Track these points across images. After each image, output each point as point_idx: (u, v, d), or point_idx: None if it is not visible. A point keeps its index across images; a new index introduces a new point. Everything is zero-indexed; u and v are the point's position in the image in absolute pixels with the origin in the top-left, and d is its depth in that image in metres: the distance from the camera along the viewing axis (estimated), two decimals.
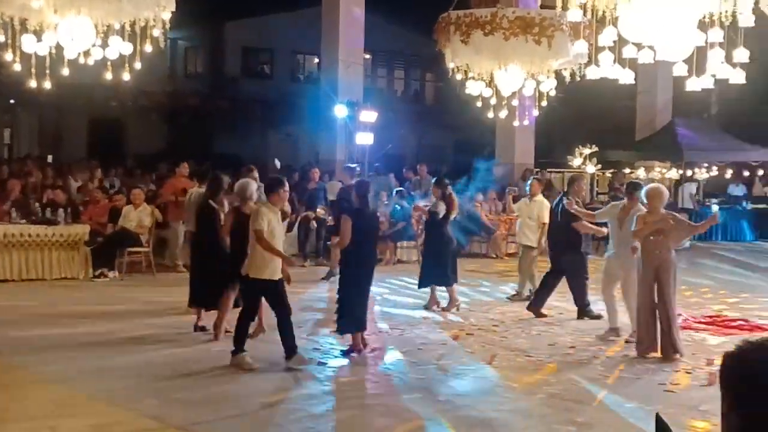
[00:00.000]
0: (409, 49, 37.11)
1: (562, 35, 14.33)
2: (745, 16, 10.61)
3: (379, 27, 30.63)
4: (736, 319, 12.83)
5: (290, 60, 38.11)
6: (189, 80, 36.61)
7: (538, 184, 14.73)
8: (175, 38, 34.15)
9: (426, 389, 8.80)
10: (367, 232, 10.34)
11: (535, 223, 14.26)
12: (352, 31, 23.12)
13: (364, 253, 10.30)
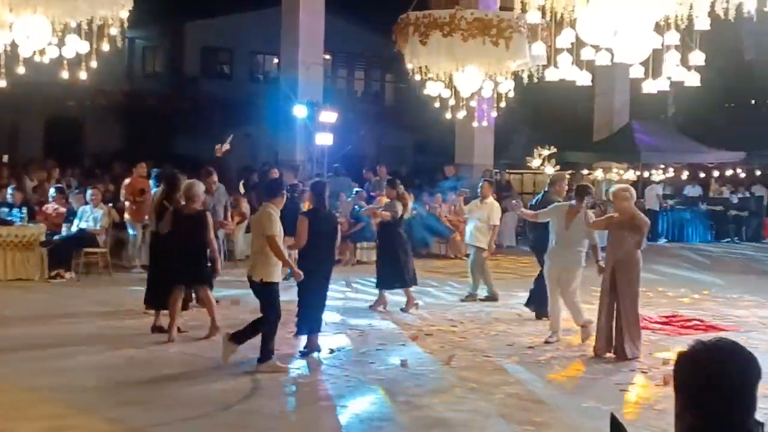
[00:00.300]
0: (369, 49, 37.09)
1: (520, 37, 14.40)
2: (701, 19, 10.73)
3: (339, 28, 30.59)
4: (692, 319, 12.96)
5: (250, 60, 37.93)
6: (147, 80, 36.31)
7: (488, 186, 14.86)
8: (134, 37, 33.84)
9: (384, 389, 8.80)
10: (324, 232, 10.30)
11: (486, 225, 14.36)
12: (311, 32, 23.07)
13: (321, 253, 10.28)
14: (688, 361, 2.87)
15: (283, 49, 24.08)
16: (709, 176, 29.98)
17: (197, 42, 35.92)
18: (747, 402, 2.81)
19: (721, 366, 2.81)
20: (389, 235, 13.34)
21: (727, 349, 2.86)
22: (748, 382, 2.82)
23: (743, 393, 2.81)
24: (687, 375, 2.86)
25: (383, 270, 13.36)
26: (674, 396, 2.87)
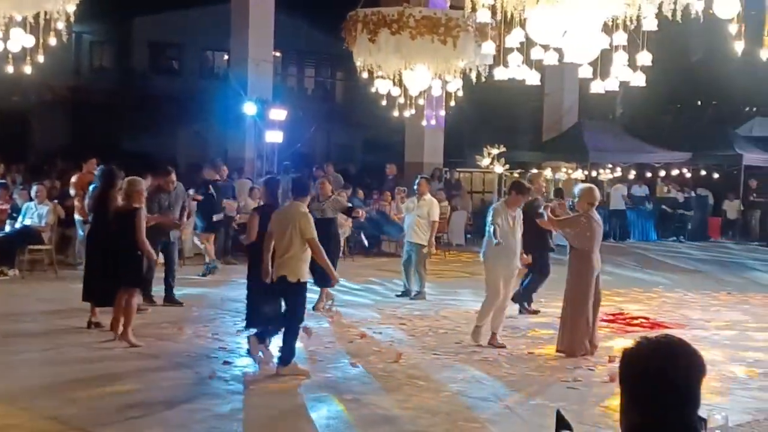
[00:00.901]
0: (319, 47, 36.98)
1: (468, 36, 14.46)
2: (648, 19, 10.84)
3: (289, 25, 30.49)
4: (638, 317, 13.11)
5: (199, 56, 37.65)
6: (95, 75, 35.88)
7: (426, 183, 14.98)
8: (81, 32, 33.44)
9: (332, 387, 8.77)
10: None
11: (426, 222, 14.43)
12: (262, 29, 22.95)
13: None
14: (632, 358, 2.89)
15: (232, 45, 23.94)
16: (655, 176, 30.34)
17: (145, 37, 35.57)
18: (690, 398, 2.83)
19: (664, 362, 2.82)
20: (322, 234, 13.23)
21: (671, 345, 2.88)
22: (692, 378, 2.84)
23: (686, 389, 2.83)
24: (631, 372, 2.88)
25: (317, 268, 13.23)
26: (620, 392, 2.89)
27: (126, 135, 32.53)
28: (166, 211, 13.04)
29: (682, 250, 24.54)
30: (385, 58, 15.34)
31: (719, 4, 7.14)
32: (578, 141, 27.45)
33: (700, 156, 28.90)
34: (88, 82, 34.45)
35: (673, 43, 23.90)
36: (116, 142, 31.51)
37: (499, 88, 15.10)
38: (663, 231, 27.70)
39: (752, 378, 9.70)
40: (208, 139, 32.46)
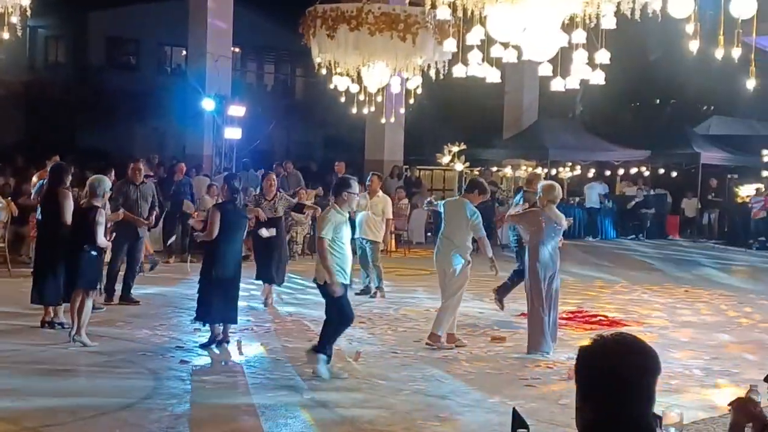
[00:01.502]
0: (279, 43, 36.82)
1: (427, 33, 14.45)
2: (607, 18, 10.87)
3: (248, 20, 30.30)
4: (596, 315, 13.16)
5: (157, 51, 37.33)
6: (50, 70, 35.44)
7: (378, 180, 15.00)
8: (36, 26, 32.99)
9: (291, 387, 8.70)
10: (231, 224, 10.25)
11: (380, 219, 14.45)
12: (220, 24, 22.77)
13: (226, 245, 10.21)
14: (588, 356, 2.88)
15: (190, 41, 23.71)
16: (614, 174, 30.53)
17: (102, 32, 35.18)
18: (644, 395, 2.83)
19: (619, 360, 2.82)
20: (278, 231, 13.22)
21: (626, 343, 2.87)
22: (646, 376, 2.84)
23: (640, 387, 2.83)
24: (586, 370, 2.87)
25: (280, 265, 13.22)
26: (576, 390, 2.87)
27: (82, 131, 32.21)
28: (134, 205, 12.85)
29: (641, 249, 24.71)
30: (343, 55, 15.29)
31: (674, 4, 7.16)
32: (538, 139, 27.56)
33: (659, 154, 29.13)
34: (42, 77, 34.02)
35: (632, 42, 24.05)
36: (72, 139, 31.20)
37: (459, 85, 15.12)
38: (622, 229, 27.87)
39: (709, 375, 9.76)
40: (166, 136, 32.23)
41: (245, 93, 26.80)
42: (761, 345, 11.53)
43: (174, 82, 30.16)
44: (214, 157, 22.71)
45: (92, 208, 10.27)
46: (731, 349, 11.25)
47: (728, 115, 32.67)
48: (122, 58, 37.11)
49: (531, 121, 29.36)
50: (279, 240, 13.18)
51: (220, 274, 10.19)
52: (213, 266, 10.21)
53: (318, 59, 15.59)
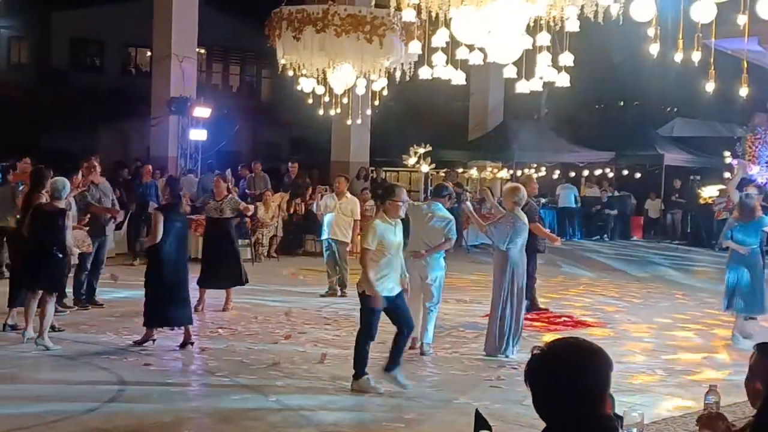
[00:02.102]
0: (244, 44, 36.67)
1: (393, 34, 14.46)
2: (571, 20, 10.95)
3: (214, 21, 30.14)
4: (561, 316, 13.24)
5: (121, 52, 37.06)
6: (13, 71, 35.06)
7: (345, 182, 15.06)
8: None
9: (256, 390, 8.69)
10: (175, 227, 10.34)
11: (349, 220, 14.53)
12: (185, 25, 22.62)
13: (171, 248, 10.26)
14: (538, 360, 2.91)
15: (155, 41, 23.54)
16: (579, 176, 30.72)
17: (65, 32, 34.85)
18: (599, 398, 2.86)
19: (571, 365, 2.85)
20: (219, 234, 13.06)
21: (576, 347, 2.91)
22: (599, 378, 2.87)
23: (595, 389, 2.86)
24: (539, 377, 2.89)
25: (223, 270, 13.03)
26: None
27: (46, 133, 31.85)
28: (97, 203, 12.78)
29: (605, 249, 24.87)
30: (309, 56, 15.26)
31: (636, 8, 7.23)
32: (504, 140, 27.66)
33: (623, 156, 29.35)
34: (5, 78, 33.64)
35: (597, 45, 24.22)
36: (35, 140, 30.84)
37: (425, 87, 15.14)
38: (587, 230, 28.04)
39: (671, 375, 9.86)
40: (131, 137, 31.99)
41: (210, 94, 26.67)
42: (722, 345, 11.66)
43: (139, 82, 29.94)
44: (178, 158, 22.57)
45: (59, 211, 10.21)
46: (693, 348, 11.38)
47: (691, 117, 32.99)
48: (86, 59, 36.82)
49: (496, 122, 29.46)
50: (228, 242, 13.07)
51: (168, 278, 10.21)
52: (160, 270, 10.21)
53: (283, 61, 15.56)
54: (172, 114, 22.30)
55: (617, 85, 34.23)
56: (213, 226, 13.05)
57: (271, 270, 17.62)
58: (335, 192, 14.84)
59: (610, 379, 2.90)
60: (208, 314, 12.66)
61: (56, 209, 10.23)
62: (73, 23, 34.50)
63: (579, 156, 29.32)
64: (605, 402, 2.88)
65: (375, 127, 26.03)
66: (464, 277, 16.71)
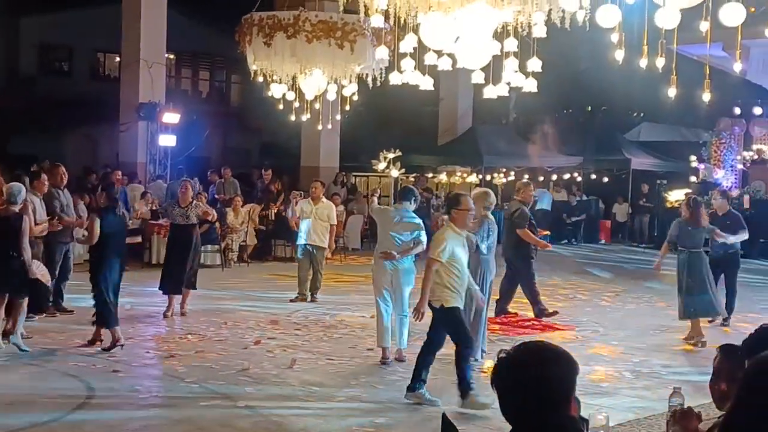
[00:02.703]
0: (214, 49, 36.56)
1: (364, 40, 14.50)
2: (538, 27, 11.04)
3: (183, 27, 30.05)
4: (530, 319, 13.31)
5: (90, 58, 36.82)
6: None
7: (321, 187, 15.11)
8: None
9: (225, 395, 8.69)
10: (112, 230, 10.57)
11: (326, 225, 14.59)
12: (154, 30, 22.55)
13: (108, 250, 10.50)
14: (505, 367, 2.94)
15: (124, 47, 23.44)
16: (547, 180, 30.88)
17: (33, 38, 34.54)
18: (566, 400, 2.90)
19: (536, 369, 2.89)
20: (185, 240, 13.04)
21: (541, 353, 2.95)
22: (564, 381, 2.91)
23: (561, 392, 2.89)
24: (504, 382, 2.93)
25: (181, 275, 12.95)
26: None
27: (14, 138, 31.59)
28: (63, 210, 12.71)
29: (573, 253, 25.01)
30: (281, 62, 15.26)
31: (601, 14, 7.32)
32: (472, 145, 27.77)
33: (591, 160, 29.56)
34: None
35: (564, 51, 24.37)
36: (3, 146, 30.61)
37: (395, 92, 15.18)
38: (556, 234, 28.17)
39: (638, 377, 9.95)
40: (100, 143, 31.80)
41: (180, 100, 26.58)
42: (687, 347, 11.78)
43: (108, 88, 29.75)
44: (147, 164, 22.49)
45: (16, 216, 10.20)
46: (660, 351, 11.48)
47: (657, 122, 33.27)
48: (54, 64, 36.55)
49: (465, 127, 29.58)
50: (192, 248, 13.07)
51: (107, 279, 10.48)
52: (99, 272, 10.47)
53: (254, 66, 15.54)
54: (140, 120, 22.22)
55: (585, 90, 34.41)
56: (179, 232, 13.02)
57: (241, 276, 17.60)
58: (311, 197, 14.88)
59: (576, 382, 2.94)
60: (177, 320, 12.63)
61: (12, 214, 10.22)
62: (42, 29, 34.21)
63: (547, 160, 29.47)
64: (571, 404, 2.92)
65: (345, 132, 26.07)
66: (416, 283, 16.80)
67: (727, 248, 13.25)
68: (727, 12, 6.86)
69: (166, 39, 23.04)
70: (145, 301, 14.16)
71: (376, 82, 15.13)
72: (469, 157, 27.69)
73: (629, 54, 7.77)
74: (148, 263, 18.69)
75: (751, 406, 2.84)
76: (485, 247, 10.51)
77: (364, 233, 23.71)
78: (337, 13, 15.04)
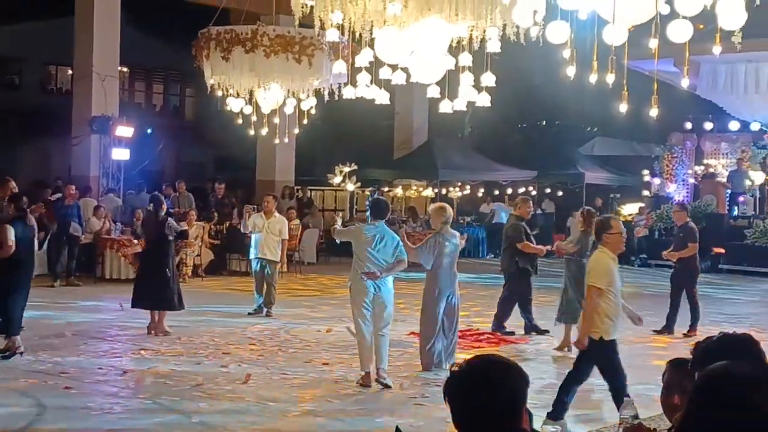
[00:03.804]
0: (168, 63, 36.41)
1: (322, 54, 14.52)
2: (492, 41, 11.13)
3: (137, 40, 29.87)
4: (485, 332, 13.35)
5: (42, 71, 36.45)
6: None
7: (274, 201, 15.12)
8: None
9: (180, 411, 8.61)
10: (23, 239, 10.67)
11: (278, 239, 14.61)
12: (107, 43, 22.36)
13: (25, 259, 10.67)
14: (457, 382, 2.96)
15: (76, 60, 23.21)
16: (502, 194, 31.08)
17: None
18: (518, 413, 2.92)
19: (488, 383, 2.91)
20: (161, 255, 12.85)
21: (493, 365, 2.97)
22: (516, 394, 2.93)
23: (513, 405, 2.91)
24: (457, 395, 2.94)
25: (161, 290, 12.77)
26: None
27: None
28: None
29: None
30: (238, 77, 15.24)
31: (552, 30, 7.39)
32: (428, 159, 27.84)
33: (545, 174, 29.80)
34: None
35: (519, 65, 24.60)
36: None
37: (351, 106, 15.21)
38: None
39: (591, 390, 10.00)
40: (52, 156, 31.47)
41: (134, 113, 26.38)
42: (641, 359, 11.87)
43: (60, 101, 29.47)
44: (100, 177, 22.26)
45: None
46: None
47: (611, 137, 33.65)
48: (6, 77, 36.14)
49: (421, 141, 29.68)
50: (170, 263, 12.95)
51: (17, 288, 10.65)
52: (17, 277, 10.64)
53: (212, 81, 15.50)
54: (93, 133, 22.00)
55: (539, 104, 34.72)
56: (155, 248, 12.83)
57: (196, 290, 17.46)
58: (264, 211, 14.87)
59: (527, 394, 2.96)
60: (130, 335, 12.50)
61: None
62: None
63: (502, 174, 29.67)
64: (522, 417, 2.94)
65: (301, 146, 26.05)
66: None
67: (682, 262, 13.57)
68: (675, 28, 6.96)
69: (119, 52, 22.85)
70: (97, 317, 14.02)
71: (333, 96, 15.15)
72: (425, 170, 27.77)
73: (582, 69, 7.85)
74: (101, 278, 18.52)
75: (699, 420, 2.86)
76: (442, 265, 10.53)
77: (319, 247, 23.68)
78: (293, 27, 15.07)
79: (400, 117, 30.04)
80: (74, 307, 15.02)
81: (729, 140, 27.17)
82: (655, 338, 13.31)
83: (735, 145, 26.97)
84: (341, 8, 10.45)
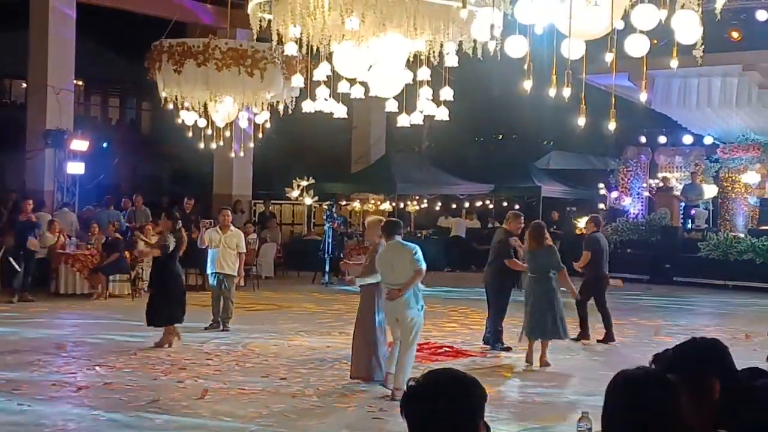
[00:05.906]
0: (124, 76, 36.13)
1: (274, 68, 14.53)
2: (450, 56, 11.21)
3: (92, 53, 29.65)
4: (443, 346, 13.37)
5: None
6: None
7: (230, 215, 15.10)
8: None
9: (136, 427, 8.51)
10: None
11: (235, 253, 14.56)
12: (62, 56, 22.13)
13: None
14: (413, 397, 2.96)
15: (30, 73, 22.96)
16: (459, 207, 31.18)
17: None
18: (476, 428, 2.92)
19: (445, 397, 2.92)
20: (164, 271, 12.95)
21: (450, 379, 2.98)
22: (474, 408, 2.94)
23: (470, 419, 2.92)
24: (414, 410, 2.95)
25: (157, 307, 12.81)
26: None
27: None
28: None
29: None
30: (191, 89, 15.20)
31: (510, 44, 7.44)
32: (386, 173, 27.86)
33: (502, 187, 29.93)
34: None
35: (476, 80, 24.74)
36: None
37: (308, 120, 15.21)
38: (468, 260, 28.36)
39: (548, 403, 10.05)
40: (6, 170, 31.08)
41: (89, 127, 26.15)
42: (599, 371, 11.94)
43: (13, 114, 29.11)
44: (55, 192, 22.02)
45: None
46: (568, 375, 11.62)
47: (567, 150, 33.93)
48: None
49: (379, 155, 29.70)
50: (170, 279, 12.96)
51: None
52: None
53: (164, 93, 15.43)
54: (48, 147, 21.77)
55: (496, 118, 34.96)
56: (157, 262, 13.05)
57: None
58: (220, 225, 14.77)
59: (484, 408, 2.97)
60: (84, 351, 12.35)
61: None
62: None
63: (460, 188, 29.77)
64: (480, 430, 2.95)
65: (258, 159, 25.98)
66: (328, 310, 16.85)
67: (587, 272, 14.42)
68: (632, 43, 7.04)
69: (74, 65, 22.64)
70: (51, 332, 13.85)
71: (287, 110, 15.13)
72: (383, 184, 27.78)
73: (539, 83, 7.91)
74: (55, 293, 18.31)
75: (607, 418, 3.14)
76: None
77: (277, 261, 23.58)
78: (250, 41, 15.05)
79: (357, 131, 30.06)
80: (28, 323, 14.81)
81: (683, 154, 27.49)
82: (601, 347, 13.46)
83: (689, 159, 27.29)
84: (300, 22, 10.47)
